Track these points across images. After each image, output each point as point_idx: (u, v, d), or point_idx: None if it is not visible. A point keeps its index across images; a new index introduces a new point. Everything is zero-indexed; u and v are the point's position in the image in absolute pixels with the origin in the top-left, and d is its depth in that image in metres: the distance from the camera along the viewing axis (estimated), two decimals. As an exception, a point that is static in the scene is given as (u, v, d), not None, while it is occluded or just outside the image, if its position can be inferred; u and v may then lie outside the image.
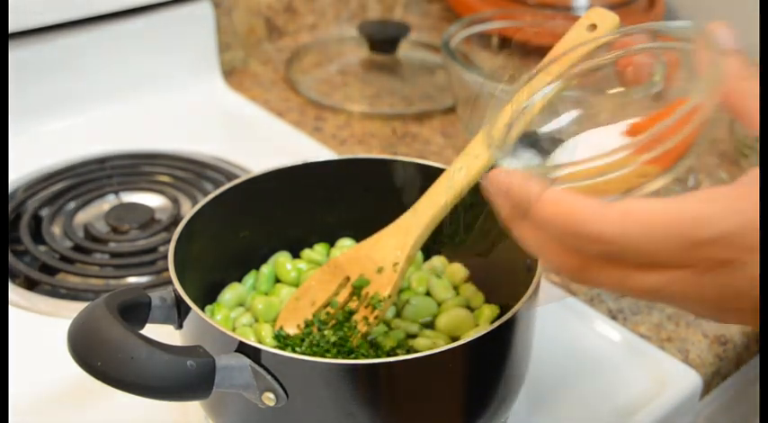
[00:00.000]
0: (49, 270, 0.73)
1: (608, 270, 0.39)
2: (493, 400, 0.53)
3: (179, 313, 0.53)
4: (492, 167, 0.43)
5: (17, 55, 0.88)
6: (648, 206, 0.37)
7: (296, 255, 0.67)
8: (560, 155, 0.45)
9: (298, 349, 0.57)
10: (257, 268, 0.66)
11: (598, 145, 0.43)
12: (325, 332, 0.58)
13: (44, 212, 0.81)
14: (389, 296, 0.59)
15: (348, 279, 0.61)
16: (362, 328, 0.58)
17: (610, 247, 0.37)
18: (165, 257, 0.67)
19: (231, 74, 1.07)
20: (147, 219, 0.79)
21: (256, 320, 0.62)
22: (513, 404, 0.57)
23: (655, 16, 1.12)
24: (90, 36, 0.93)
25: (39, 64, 0.90)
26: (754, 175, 0.38)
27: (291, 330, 0.60)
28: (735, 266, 0.37)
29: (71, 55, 0.92)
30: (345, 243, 0.67)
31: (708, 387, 0.68)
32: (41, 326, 0.68)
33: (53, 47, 0.91)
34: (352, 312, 0.59)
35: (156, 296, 0.52)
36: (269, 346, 0.49)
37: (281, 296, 0.63)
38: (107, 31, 0.94)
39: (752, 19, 1.09)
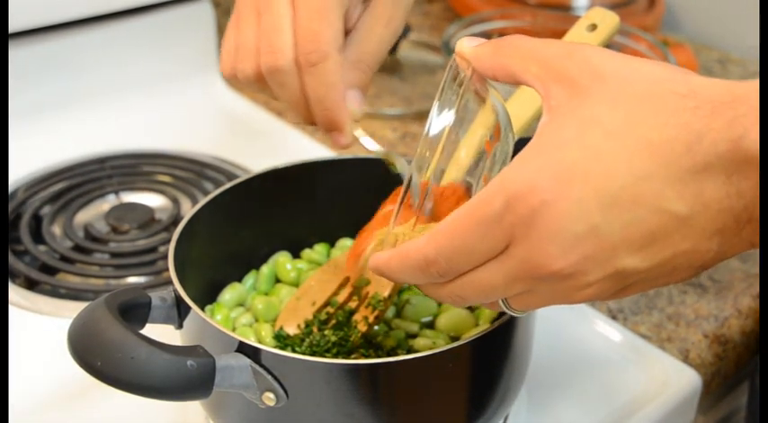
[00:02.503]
0: (49, 270, 0.73)
1: (463, 283, 0.42)
2: (493, 400, 0.53)
3: (179, 313, 0.53)
4: None
5: (17, 55, 0.88)
6: (448, 218, 0.41)
7: (296, 255, 0.67)
8: None
9: (298, 349, 0.57)
10: (257, 268, 0.66)
11: None
12: (326, 332, 0.58)
13: (44, 212, 0.81)
14: (389, 296, 0.59)
15: (348, 279, 0.61)
16: (362, 327, 0.58)
17: (439, 265, 0.41)
18: (165, 257, 0.67)
19: (231, 74, 1.07)
20: (147, 219, 0.79)
21: (256, 320, 0.62)
22: (512, 404, 0.57)
23: (655, 16, 1.12)
24: (90, 36, 0.93)
25: (39, 64, 0.90)
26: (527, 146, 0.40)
27: (291, 330, 0.60)
28: (538, 215, 0.38)
29: (71, 55, 0.92)
30: (345, 243, 0.67)
31: (708, 387, 0.68)
32: (41, 326, 0.68)
33: (53, 47, 0.91)
34: (352, 312, 0.59)
35: (156, 296, 0.52)
36: (269, 346, 0.49)
37: (281, 296, 0.63)
38: (107, 31, 0.94)
39: (752, 19, 1.09)
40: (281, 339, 0.59)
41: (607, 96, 0.39)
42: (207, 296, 0.62)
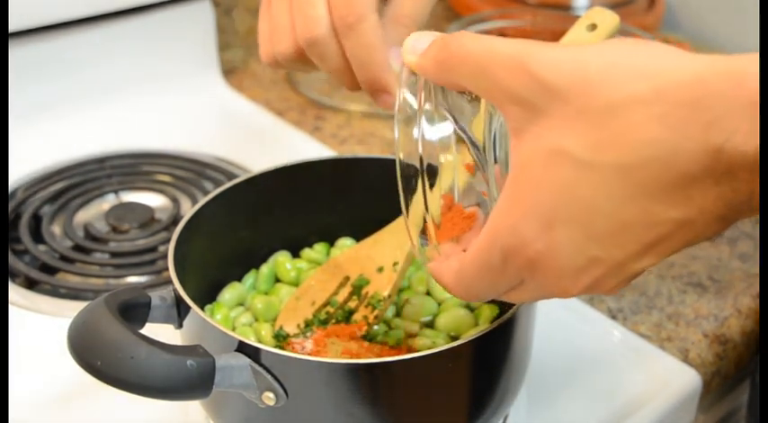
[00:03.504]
0: (49, 269, 0.73)
1: (502, 299, 0.44)
2: (492, 400, 0.53)
3: (179, 313, 0.53)
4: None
5: (17, 55, 0.88)
6: (464, 263, 0.43)
7: (296, 254, 0.67)
8: None
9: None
10: (257, 268, 0.66)
11: None
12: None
13: (44, 212, 0.81)
14: (389, 296, 0.59)
15: (348, 279, 0.61)
16: (362, 327, 0.58)
17: (473, 298, 0.45)
18: (165, 257, 0.67)
19: (231, 73, 1.07)
20: (147, 218, 0.79)
21: (256, 320, 0.62)
22: (512, 404, 0.57)
23: (655, 16, 1.12)
24: (89, 36, 0.93)
25: (39, 64, 0.90)
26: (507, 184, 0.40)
27: (291, 330, 0.60)
28: (537, 263, 0.39)
29: (71, 55, 0.92)
30: (345, 243, 0.67)
31: (708, 387, 0.68)
32: (41, 325, 0.68)
33: (53, 47, 0.91)
34: (351, 312, 0.59)
35: (156, 296, 0.52)
36: (269, 346, 0.49)
37: (281, 296, 0.63)
38: (107, 31, 0.94)
39: (752, 19, 1.09)
40: (281, 339, 0.59)
41: (566, 118, 0.37)
42: (207, 296, 0.62)
